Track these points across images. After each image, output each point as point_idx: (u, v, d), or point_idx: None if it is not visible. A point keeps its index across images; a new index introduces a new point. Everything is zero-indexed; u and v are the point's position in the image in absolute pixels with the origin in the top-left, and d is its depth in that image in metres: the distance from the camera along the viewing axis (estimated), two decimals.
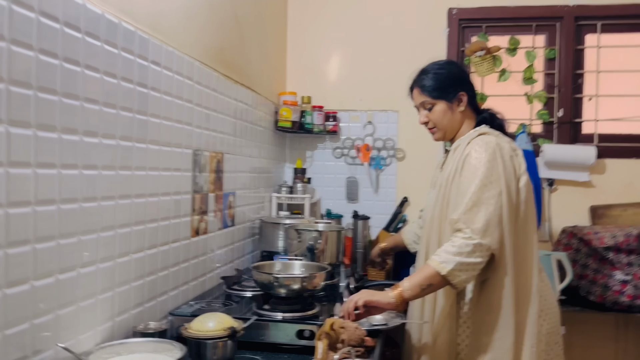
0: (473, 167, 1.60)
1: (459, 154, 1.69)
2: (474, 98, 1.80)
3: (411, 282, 1.56)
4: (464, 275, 1.51)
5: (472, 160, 1.62)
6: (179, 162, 1.74)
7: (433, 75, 1.77)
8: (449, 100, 1.75)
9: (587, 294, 2.54)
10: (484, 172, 1.58)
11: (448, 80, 1.76)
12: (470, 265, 1.51)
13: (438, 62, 1.83)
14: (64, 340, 1.19)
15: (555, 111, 2.95)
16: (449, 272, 1.50)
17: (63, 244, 1.18)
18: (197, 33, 1.89)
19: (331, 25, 3.16)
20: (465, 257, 1.50)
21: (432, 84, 1.76)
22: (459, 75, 1.79)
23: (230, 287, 1.96)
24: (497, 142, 1.64)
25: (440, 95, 1.75)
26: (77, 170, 1.23)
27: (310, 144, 3.17)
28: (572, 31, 2.92)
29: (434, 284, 1.55)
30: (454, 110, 1.76)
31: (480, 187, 1.56)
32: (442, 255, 1.52)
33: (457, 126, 1.78)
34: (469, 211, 1.54)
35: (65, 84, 1.17)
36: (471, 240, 1.51)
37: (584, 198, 2.90)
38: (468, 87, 1.78)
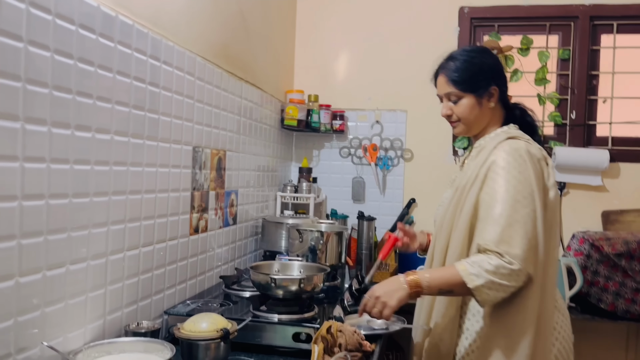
0: (502, 179, 1.42)
1: (483, 158, 1.50)
2: (505, 93, 1.61)
3: (432, 278, 1.42)
4: (492, 294, 1.36)
5: (499, 169, 1.43)
6: (178, 158, 1.71)
7: (463, 63, 1.56)
8: (479, 94, 1.55)
9: (598, 302, 2.47)
10: (515, 186, 1.40)
11: (480, 71, 1.55)
12: (502, 286, 1.35)
13: (469, 49, 1.62)
14: (51, 338, 1.17)
15: (568, 113, 2.88)
16: (477, 287, 1.35)
17: (51, 240, 1.16)
18: (199, 29, 1.86)
19: (340, 22, 3.11)
20: (499, 277, 1.34)
21: (461, 74, 1.55)
22: (493, 67, 1.58)
23: (229, 287, 1.93)
24: (527, 149, 1.45)
25: (469, 87, 1.55)
26: (68, 165, 1.20)
27: (317, 143, 3.13)
28: (587, 31, 2.84)
29: (454, 292, 1.43)
30: (482, 105, 1.56)
31: (513, 205, 1.38)
32: (475, 267, 1.36)
33: (483, 123, 1.60)
34: (504, 233, 1.36)
35: (56, 77, 1.15)
36: (510, 265, 1.34)
37: (596, 203, 2.82)
38: (501, 80, 1.58)
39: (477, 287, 1.35)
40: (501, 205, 1.39)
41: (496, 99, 1.57)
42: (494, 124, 1.60)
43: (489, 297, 1.36)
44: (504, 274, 1.34)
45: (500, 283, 1.34)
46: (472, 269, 1.36)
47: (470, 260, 1.39)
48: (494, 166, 1.45)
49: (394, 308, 1.45)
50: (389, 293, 1.45)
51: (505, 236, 1.36)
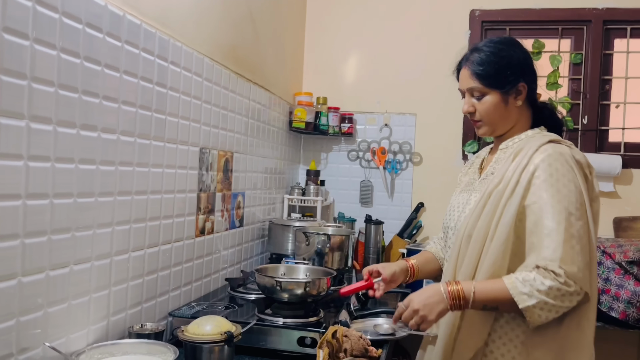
0: (553, 188, 1.29)
1: (521, 162, 1.36)
2: (534, 91, 1.47)
3: (478, 291, 1.30)
4: (544, 315, 1.26)
5: (546, 176, 1.30)
6: (185, 159, 1.70)
7: (490, 56, 1.42)
8: (505, 91, 1.41)
9: (609, 310, 2.42)
10: (566, 195, 1.27)
11: (508, 66, 1.41)
12: (555, 307, 1.25)
13: (497, 40, 1.47)
14: (53, 338, 1.16)
15: (580, 118, 2.84)
16: (527, 308, 1.25)
17: (55, 240, 1.15)
18: (208, 29, 1.85)
19: (350, 25, 3.10)
20: (552, 298, 1.24)
21: (487, 68, 1.41)
22: (523, 61, 1.43)
23: (234, 290, 1.92)
24: (572, 155, 1.33)
25: (494, 83, 1.41)
26: (73, 164, 1.19)
27: (325, 145, 3.12)
28: (600, 35, 2.81)
29: (501, 308, 1.33)
30: (509, 103, 1.42)
31: (568, 217, 1.26)
32: (527, 286, 1.25)
33: (509, 123, 1.46)
34: (561, 249, 1.25)
35: (62, 76, 1.14)
36: (567, 287, 1.24)
37: (607, 209, 2.77)
38: (531, 76, 1.44)
39: (528, 307, 1.25)
40: (555, 218, 1.26)
41: (524, 97, 1.43)
42: (522, 125, 1.47)
43: (540, 319, 1.27)
44: (558, 296, 1.24)
45: (553, 304, 1.25)
46: (524, 288, 1.26)
47: (521, 278, 1.27)
48: (540, 172, 1.31)
49: (434, 322, 1.35)
50: (429, 306, 1.33)
51: (562, 253, 1.24)
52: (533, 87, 1.46)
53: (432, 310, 1.32)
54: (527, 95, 1.44)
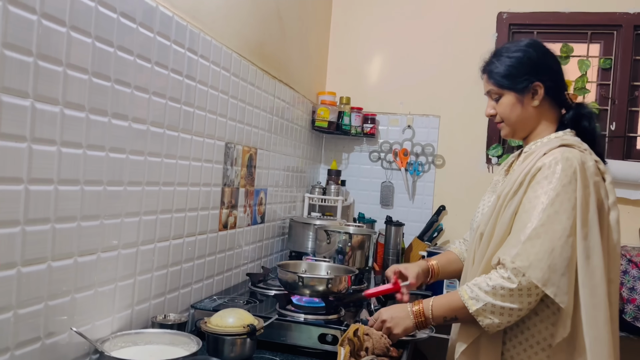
0: (542, 190, 1.29)
1: (529, 164, 1.37)
2: (557, 90, 1.45)
3: (435, 306, 1.38)
4: (496, 319, 1.27)
5: (541, 178, 1.31)
6: (211, 153, 1.71)
7: (505, 58, 1.44)
8: (519, 91, 1.43)
9: (634, 320, 2.37)
10: (553, 198, 1.27)
11: (521, 66, 1.42)
12: (505, 309, 1.26)
13: (517, 42, 1.48)
14: (79, 324, 1.17)
15: (608, 124, 2.79)
16: (477, 312, 1.28)
17: (84, 226, 1.16)
18: (236, 25, 1.86)
19: (375, 25, 3.09)
20: (499, 299, 1.26)
21: (500, 69, 1.44)
22: (538, 61, 1.43)
23: (255, 285, 1.92)
24: (581, 160, 1.31)
25: (508, 84, 1.43)
26: (103, 152, 1.20)
27: (347, 145, 3.11)
28: (630, 40, 2.75)
29: (459, 318, 1.37)
30: (524, 104, 1.43)
31: (545, 219, 1.26)
32: (474, 290, 1.30)
33: (530, 124, 1.46)
34: (523, 246, 1.26)
35: (96, 64, 1.15)
36: (510, 284, 1.24)
37: (633, 218, 2.72)
38: (548, 76, 1.42)
39: (477, 311, 1.28)
40: (533, 219, 1.27)
41: (541, 96, 1.42)
42: (547, 126, 1.46)
43: (493, 323, 1.27)
44: (504, 295, 1.25)
45: (501, 306, 1.26)
46: (471, 293, 1.30)
47: (471, 283, 1.32)
48: (538, 174, 1.32)
49: (399, 336, 1.43)
50: (396, 320, 1.43)
51: (522, 250, 1.25)
52: (551, 86, 1.43)
53: (398, 325, 1.42)
54: (547, 94, 1.43)
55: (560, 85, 1.46)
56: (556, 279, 1.23)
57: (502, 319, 1.27)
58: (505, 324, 1.28)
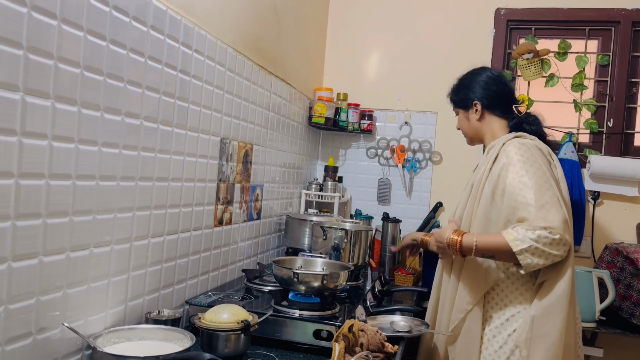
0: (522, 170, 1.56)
1: (492, 154, 1.68)
2: (495, 106, 1.78)
3: (479, 239, 1.55)
4: (535, 260, 1.47)
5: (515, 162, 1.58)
6: (205, 148, 1.70)
7: (456, 84, 1.88)
8: (465, 108, 1.84)
9: (630, 316, 2.37)
10: (534, 173, 1.54)
11: (462, 88, 1.84)
12: (545, 253, 1.46)
13: (468, 70, 1.88)
14: (71, 320, 1.16)
15: (605, 121, 2.79)
16: (520, 251, 1.47)
17: (76, 221, 1.15)
18: (232, 20, 1.85)
19: (373, 21, 3.08)
20: (542, 244, 1.45)
21: (451, 93, 1.89)
22: (475, 84, 1.80)
23: (250, 281, 1.91)
24: (534, 144, 1.63)
25: (457, 104, 1.87)
26: (96, 147, 1.19)
27: (344, 142, 3.10)
28: (628, 37, 2.75)
29: (497, 256, 1.56)
30: (469, 118, 1.83)
31: (539, 189, 1.51)
32: (519, 232, 1.47)
33: (479, 133, 1.82)
34: (539, 213, 1.48)
35: (88, 57, 1.14)
36: (552, 235, 1.45)
37: (630, 214, 2.72)
38: (484, 94, 1.78)
39: (521, 250, 1.46)
40: (528, 192, 1.51)
41: (479, 111, 1.78)
42: (498, 132, 1.78)
43: (532, 262, 1.47)
44: (546, 243, 1.45)
45: (542, 250, 1.45)
46: (517, 234, 1.47)
47: (515, 228, 1.49)
48: (509, 159, 1.59)
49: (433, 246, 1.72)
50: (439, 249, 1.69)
51: (541, 215, 1.47)
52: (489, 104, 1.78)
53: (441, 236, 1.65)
54: (487, 109, 1.78)
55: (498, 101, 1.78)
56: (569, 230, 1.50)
57: (539, 261, 1.47)
58: (541, 265, 1.48)
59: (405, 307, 1.94)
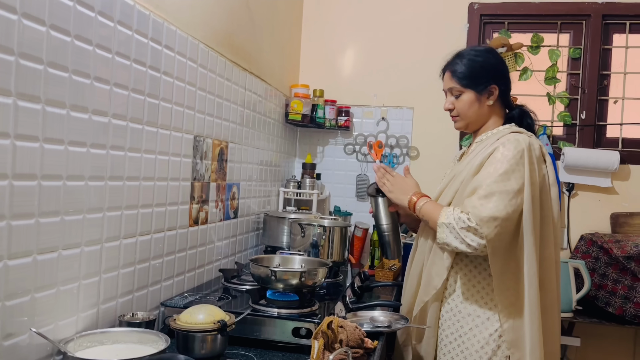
0: (496, 161, 1.54)
1: (486, 148, 1.61)
2: (506, 93, 1.70)
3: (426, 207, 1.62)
4: (449, 238, 1.52)
5: (497, 154, 1.55)
6: (178, 147, 1.67)
7: (468, 61, 1.67)
8: (479, 91, 1.66)
9: (606, 305, 2.41)
10: (507, 168, 1.51)
11: (482, 69, 1.66)
12: (459, 237, 1.50)
13: (477, 48, 1.74)
14: (41, 325, 1.12)
15: (578, 113, 2.83)
16: (440, 224, 1.54)
17: (43, 223, 1.11)
18: (203, 15, 1.82)
19: (347, 17, 3.07)
20: (458, 227, 1.50)
21: (464, 70, 1.66)
22: (495, 67, 1.68)
23: (228, 281, 1.88)
24: (529, 142, 1.55)
25: (470, 84, 1.66)
26: (62, 145, 1.16)
27: (322, 138, 3.09)
28: (599, 30, 2.79)
29: (429, 223, 1.62)
30: (481, 102, 1.67)
31: (497, 179, 1.50)
32: (452, 210, 1.53)
33: (482, 120, 1.70)
34: (482, 198, 1.49)
35: (52, 53, 1.10)
36: (468, 222, 1.48)
37: (605, 205, 2.76)
38: (502, 80, 1.68)
39: (440, 224, 1.54)
40: (487, 181, 1.51)
41: (495, 97, 1.66)
42: (495, 122, 1.70)
43: (445, 239, 1.53)
44: (463, 227, 1.49)
45: (458, 232, 1.50)
46: (448, 211, 1.54)
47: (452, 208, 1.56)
48: (495, 152, 1.56)
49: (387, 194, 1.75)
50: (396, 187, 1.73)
51: (477, 202, 1.49)
52: (504, 90, 1.68)
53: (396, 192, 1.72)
54: (498, 96, 1.67)
55: (509, 89, 1.71)
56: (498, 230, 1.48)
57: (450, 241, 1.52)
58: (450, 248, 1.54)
59: (385, 302, 1.94)
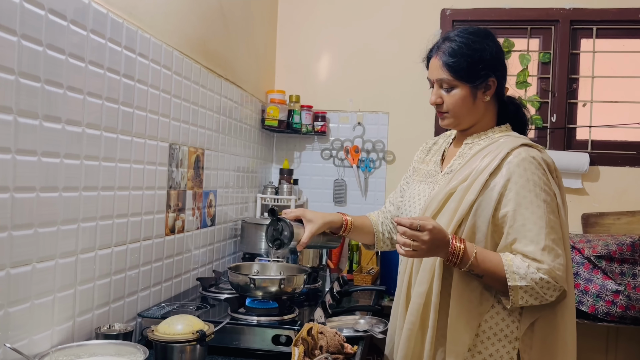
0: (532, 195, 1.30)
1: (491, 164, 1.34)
2: (503, 86, 1.44)
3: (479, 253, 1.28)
4: (528, 299, 1.27)
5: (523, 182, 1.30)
6: (153, 155, 1.65)
7: (462, 48, 1.37)
8: (475, 85, 1.38)
9: (579, 304, 2.46)
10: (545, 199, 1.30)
11: (480, 59, 1.37)
12: (540, 296, 1.27)
13: (471, 30, 1.42)
14: (14, 340, 1.10)
15: (549, 116, 2.89)
16: (515, 287, 1.26)
17: (16, 236, 1.09)
18: (177, 22, 1.81)
19: (322, 23, 3.08)
20: (539, 288, 1.26)
21: (458, 60, 1.36)
22: (495, 55, 1.39)
23: (206, 290, 1.87)
24: (543, 159, 1.35)
25: (465, 77, 1.37)
26: (35, 157, 1.14)
27: (298, 144, 3.09)
28: (567, 35, 2.86)
29: (485, 278, 1.30)
30: (477, 98, 1.39)
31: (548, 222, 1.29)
32: (522, 266, 1.26)
33: (475, 117, 1.43)
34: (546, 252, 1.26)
35: (24, 64, 1.09)
36: (554, 281, 1.26)
37: (576, 206, 2.83)
38: (501, 72, 1.41)
39: (516, 286, 1.26)
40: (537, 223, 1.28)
41: (493, 92, 1.40)
42: (488, 120, 1.45)
43: (522, 302, 1.27)
44: (544, 286, 1.26)
45: (538, 292, 1.26)
46: (519, 269, 1.26)
47: (518, 257, 1.28)
48: (517, 178, 1.31)
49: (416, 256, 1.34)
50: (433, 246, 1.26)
51: (546, 258, 1.26)
52: (503, 83, 1.43)
53: (430, 251, 1.27)
54: (496, 90, 1.41)
55: (506, 81, 1.45)
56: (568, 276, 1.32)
57: (529, 300, 1.27)
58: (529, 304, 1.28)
59: (364, 306, 1.95)
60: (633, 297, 2.36)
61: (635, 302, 2.36)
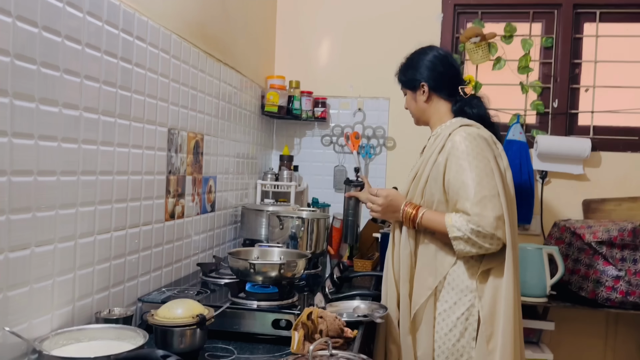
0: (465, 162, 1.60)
1: (439, 144, 1.69)
2: (443, 87, 1.78)
3: (426, 218, 1.65)
4: (467, 247, 1.58)
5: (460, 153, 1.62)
6: (152, 140, 1.64)
7: (404, 64, 1.86)
8: (413, 89, 1.82)
9: (579, 290, 2.46)
10: (477, 165, 1.59)
11: (410, 69, 1.82)
12: (477, 244, 1.57)
13: (417, 50, 1.86)
14: (14, 324, 1.10)
15: (551, 101, 2.87)
16: (455, 238, 1.58)
17: (14, 220, 1.08)
18: (174, 5, 1.78)
19: (323, 8, 3.05)
20: (474, 236, 1.55)
21: (401, 74, 1.86)
22: (426, 64, 1.78)
23: (206, 275, 1.87)
24: (479, 133, 1.65)
25: (405, 84, 1.85)
26: (32, 140, 1.13)
27: (298, 130, 3.08)
28: (570, 19, 2.83)
29: (437, 234, 1.66)
30: (417, 99, 1.82)
31: (480, 182, 1.58)
32: (458, 220, 1.57)
33: (426, 115, 1.82)
34: (476, 207, 1.56)
35: (19, 45, 1.07)
36: (483, 230, 1.55)
37: (577, 191, 2.82)
38: (430, 75, 1.77)
39: (455, 237, 1.58)
40: (468, 186, 1.58)
41: (427, 93, 1.78)
42: (442, 115, 1.79)
43: (463, 249, 1.59)
44: (479, 235, 1.56)
45: (475, 241, 1.56)
46: (456, 222, 1.58)
47: (458, 214, 1.60)
48: (454, 150, 1.63)
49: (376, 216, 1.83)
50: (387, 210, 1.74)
51: (477, 210, 1.56)
52: (435, 85, 1.77)
53: (386, 213, 1.76)
54: (433, 91, 1.77)
55: (444, 83, 1.77)
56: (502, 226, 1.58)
57: (470, 249, 1.58)
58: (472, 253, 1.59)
59: (364, 292, 1.95)
60: (633, 282, 2.36)
61: (635, 288, 2.36)
